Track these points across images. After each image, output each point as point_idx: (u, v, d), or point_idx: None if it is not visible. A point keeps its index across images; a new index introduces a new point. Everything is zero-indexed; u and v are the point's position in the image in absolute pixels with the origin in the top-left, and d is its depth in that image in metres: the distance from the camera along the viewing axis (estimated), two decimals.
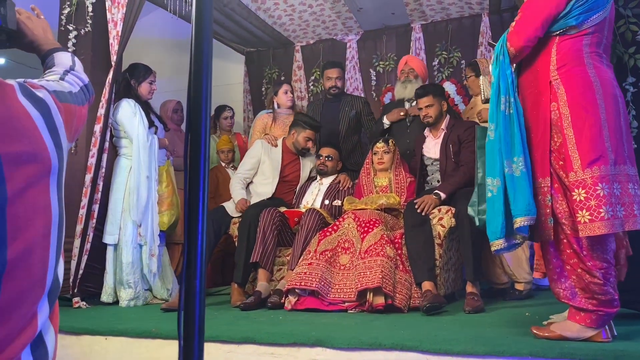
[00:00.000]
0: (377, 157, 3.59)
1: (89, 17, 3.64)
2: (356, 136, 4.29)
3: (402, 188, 3.54)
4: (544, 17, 1.98)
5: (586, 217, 1.84)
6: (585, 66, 1.95)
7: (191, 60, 0.89)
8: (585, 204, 1.85)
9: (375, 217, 3.17)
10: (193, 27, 0.90)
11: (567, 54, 1.98)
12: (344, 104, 4.28)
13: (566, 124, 1.92)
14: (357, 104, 4.28)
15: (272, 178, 3.81)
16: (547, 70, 2.01)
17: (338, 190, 3.75)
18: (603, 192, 1.83)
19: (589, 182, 1.86)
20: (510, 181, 1.97)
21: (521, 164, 1.97)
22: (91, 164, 3.43)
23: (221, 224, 3.55)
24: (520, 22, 2.04)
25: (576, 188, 1.88)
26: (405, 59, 4.13)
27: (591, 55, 1.97)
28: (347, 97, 4.38)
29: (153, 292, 3.55)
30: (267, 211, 3.37)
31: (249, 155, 3.91)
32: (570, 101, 1.93)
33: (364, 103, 4.33)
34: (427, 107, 3.44)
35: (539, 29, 2.00)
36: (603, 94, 1.91)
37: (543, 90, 2.01)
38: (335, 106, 4.29)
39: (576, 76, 1.95)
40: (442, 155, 3.36)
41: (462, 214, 2.92)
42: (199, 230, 0.84)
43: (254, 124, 4.43)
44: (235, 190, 3.75)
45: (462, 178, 3.19)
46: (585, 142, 1.88)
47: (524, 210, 1.93)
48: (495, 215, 1.98)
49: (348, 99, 4.33)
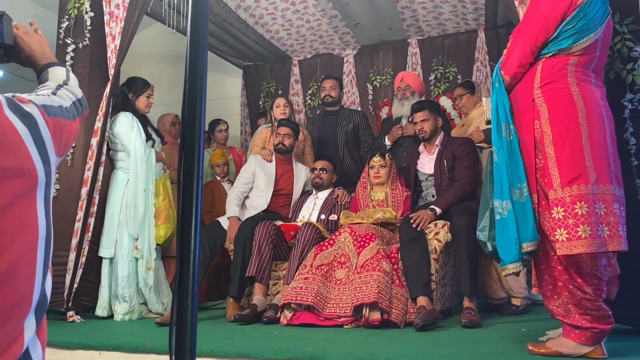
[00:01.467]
0: (374, 171, 3.60)
1: (87, 30, 3.66)
2: (356, 150, 4.32)
3: (398, 202, 3.54)
4: (532, 44, 2.00)
5: (564, 236, 1.84)
6: (568, 84, 1.96)
7: (186, 76, 0.90)
8: (563, 223, 1.85)
9: (372, 231, 3.17)
10: (188, 42, 0.91)
11: (550, 71, 1.99)
12: (341, 117, 4.32)
13: (547, 141, 1.93)
14: (354, 118, 4.31)
15: (266, 190, 3.81)
16: (530, 87, 2.02)
17: (334, 205, 3.75)
18: (581, 210, 1.83)
19: (567, 200, 1.85)
20: (518, 207, 1.97)
21: (525, 190, 1.97)
22: (87, 177, 3.43)
23: (217, 239, 3.55)
24: (511, 50, 2.07)
25: (555, 206, 1.88)
26: (401, 76, 4.16)
27: (576, 74, 1.98)
28: (345, 111, 4.42)
29: (148, 306, 3.52)
30: (263, 225, 3.37)
31: (244, 170, 3.92)
32: (552, 119, 1.93)
33: (361, 117, 4.37)
34: (422, 121, 3.46)
35: (528, 55, 2.02)
36: (586, 112, 1.91)
37: (526, 108, 2.03)
38: (333, 120, 4.33)
39: (558, 94, 1.95)
40: (437, 170, 3.38)
41: (458, 229, 2.93)
42: (192, 245, 0.85)
43: (253, 138, 4.45)
44: (229, 207, 3.74)
45: (457, 193, 3.20)
46: (566, 161, 1.88)
47: (531, 235, 1.93)
48: (509, 238, 1.97)
49: (345, 112, 4.38)
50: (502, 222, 1.98)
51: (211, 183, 4.51)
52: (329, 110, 4.38)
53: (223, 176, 4.54)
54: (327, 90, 4.31)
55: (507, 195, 1.97)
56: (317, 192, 3.86)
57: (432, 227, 3.13)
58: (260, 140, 4.28)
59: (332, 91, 4.31)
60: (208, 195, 4.40)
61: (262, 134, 4.32)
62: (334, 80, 4.37)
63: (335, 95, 4.32)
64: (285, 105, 4.27)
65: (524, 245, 1.93)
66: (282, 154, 3.92)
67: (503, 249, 1.98)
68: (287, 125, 3.95)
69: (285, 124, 3.96)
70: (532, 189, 1.99)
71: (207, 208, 4.33)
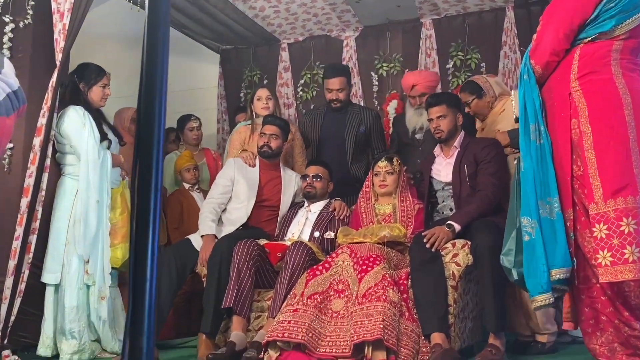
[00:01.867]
0: (379, 179, 3.60)
1: (30, 6, 3.66)
2: (365, 156, 4.33)
3: (408, 217, 3.54)
4: (566, 27, 2.01)
5: (607, 259, 1.83)
6: (612, 74, 1.96)
7: (143, 61, 0.90)
8: (606, 243, 1.85)
9: (376, 252, 3.16)
10: (146, 18, 0.91)
11: (590, 60, 1.99)
12: (351, 116, 4.31)
13: (587, 144, 1.93)
14: (367, 119, 4.32)
15: (246, 200, 3.80)
16: (566, 80, 2.02)
17: (331, 220, 3.75)
18: (629, 228, 1.82)
19: (611, 215, 1.85)
20: (546, 226, 1.96)
21: (556, 205, 1.97)
22: (28, 185, 3.42)
23: (187, 261, 3.54)
24: (542, 34, 2.07)
25: (597, 223, 1.87)
26: (412, 81, 4.19)
27: (621, 62, 1.98)
28: (355, 107, 4.42)
29: (102, 344, 3.51)
30: (243, 244, 3.36)
31: (221, 177, 3.91)
32: (593, 117, 1.93)
33: (374, 118, 4.37)
34: (438, 118, 3.47)
35: (562, 41, 2.02)
36: (634, 108, 1.92)
37: (561, 104, 2.03)
38: (341, 118, 4.31)
39: (600, 86, 1.96)
40: (456, 178, 3.39)
41: (481, 249, 2.93)
42: (148, 271, 0.84)
43: (230, 139, 4.45)
44: (203, 222, 3.72)
45: (479, 205, 3.20)
46: (609, 168, 1.88)
47: (561, 260, 1.93)
48: (537, 263, 1.97)
49: (356, 110, 4.37)
50: (531, 244, 1.98)
51: (178, 193, 4.51)
52: (336, 105, 4.36)
53: (193, 184, 4.53)
54: (334, 93, 4.26)
55: (534, 211, 1.97)
56: (310, 204, 3.86)
57: (449, 248, 3.13)
58: (238, 140, 4.27)
59: (341, 93, 4.27)
60: (175, 207, 4.39)
61: (240, 134, 4.32)
62: (342, 79, 4.28)
63: (344, 98, 4.30)
64: (269, 97, 4.27)
65: (553, 272, 1.93)
66: (268, 158, 3.91)
67: (530, 277, 1.98)
68: (275, 123, 3.95)
69: (272, 121, 3.96)
70: (566, 204, 1.99)
71: (174, 224, 4.33)
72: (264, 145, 3.88)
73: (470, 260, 3.05)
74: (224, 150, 4.88)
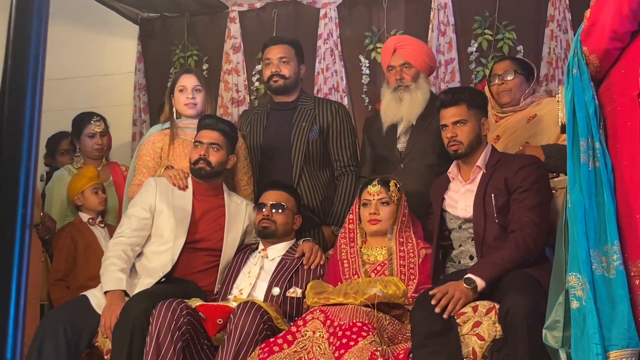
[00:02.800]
0: (369, 212, 3.62)
1: None
2: (326, 172, 4.33)
3: (410, 267, 3.55)
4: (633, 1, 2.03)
5: None
6: None
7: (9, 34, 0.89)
8: None
9: (363, 319, 3.15)
10: None
11: None
12: (299, 114, 4.32)
13: None
14: (322, 115, 4.32)
15: (172, 240, 3.80)
16: (635, 74, 2.05)
17: (297, 270, 3.75)
18: None
19: None
20: (601, 287, 1.97)
21: (616, 257, 1.97)
22: None
23: (82, 329, 3.52)
24: (599, 10, 2.09)
25: None
26: (393, 45, 4.15)
27: None
28: (306, 101, 4.41)
29: None
30: (167, 306, 3.32)
31: (136, 204, 3.90)
32: None
33: (334, 113, 4.35)
34: (455, 124, 3.49)
35: (628, 19, 2.04)
36: None
37: (627, 110, 2.05)
38: (285, 118, 4.35)
39: None
40: (479, 212, 3.40)
41: (515, 317, 2.92)
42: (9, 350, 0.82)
43: (137, 151, 4.36)
44: (108, 272, 3.68)
45: (512, 253, 3.20)
46: None
47: (622, 338, 1.94)
48: (589, 341, 1.98)
49: (307, 105, 4.37)
50: (581, 313, 1.98)
51: (71, 228, 4.48)
52: (280, 101, 4.39)
53: (99, 212, 4.51)
54: (274, 64, 4.30)
55: (585, 266, 1.98)
56: (267, 247, 3.85)
57: (468, 313, 3.13)
58: (151, 153, 4.19)
59: (284, 67, 4.30)
60: (65, 249, 4.36)
61: (154, 143, 4.22)
62: (287, 47, 4.35)
63: (289, 74, 4.32)
64: (197, 88, 4.22)
65: (611, 354, 1.94)
66: (206, 178, 3.91)
67: (579, 358, 1.99)
68: (217, 127, 3.95)
69: (211, 124, 3.96)
70: (633, 254, 2.00)
71: (62, 273, 4.26)
72: (200, 160, 3.86)
73: (499, 331, 3.05)
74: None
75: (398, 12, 5.43)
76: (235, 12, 5.72)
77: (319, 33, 5.52)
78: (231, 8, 5.71)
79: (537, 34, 5.05)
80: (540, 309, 2.69)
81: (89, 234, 4.45)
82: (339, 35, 5.52)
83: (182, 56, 5.83)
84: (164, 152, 4.20)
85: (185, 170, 4.01)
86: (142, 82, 5.93)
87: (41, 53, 0.88)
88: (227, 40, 5.73)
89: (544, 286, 2.74)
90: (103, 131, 4.87)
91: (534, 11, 5.08)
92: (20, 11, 0.88)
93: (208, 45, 5.80)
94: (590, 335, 1.94)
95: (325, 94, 5.24)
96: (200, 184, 3.94)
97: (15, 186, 0.83)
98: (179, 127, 4.19)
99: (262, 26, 5.69)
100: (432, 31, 5.22)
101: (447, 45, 5.16)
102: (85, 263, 4.28)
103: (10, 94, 0.87)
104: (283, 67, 4.30)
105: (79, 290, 3.86)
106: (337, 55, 5.46)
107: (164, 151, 4.20)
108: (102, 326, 3.52)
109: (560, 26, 4.97)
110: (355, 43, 5.49)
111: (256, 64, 5.64)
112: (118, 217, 4.28)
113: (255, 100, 5.64)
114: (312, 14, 5.59)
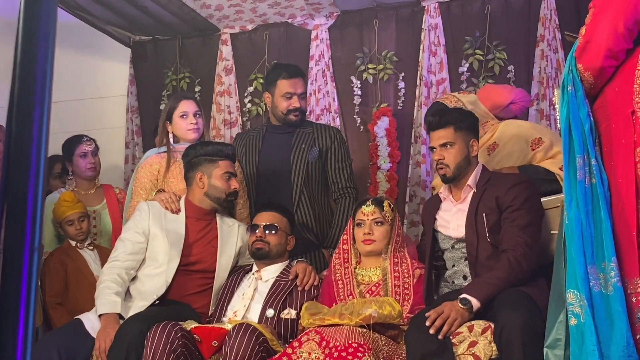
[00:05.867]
0: (363, 232, 3.62)
1: None
2: (322, 195, 4.35)
3: (405, 288, 3.55)
4: (629, 18, 2.02)
5: None
6: None
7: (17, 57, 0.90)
8: None
9: (358, 340, 3.15)
10: None
11: None
12: (299, 136, 4.34)
13: None
14: (321, 139, 4.34)
15: (167, 263, 3.80)
16: (629, 92, 2.05)
17: (291, 292, 3.74)
18: None
19: None
20: (599, 303, 1.98)
21: (613, 273, 1.98)
22: None
23: (76, 353, 3.49)
24: (594, 27, 2.09)
25: None
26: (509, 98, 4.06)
27: None
28: (307, 126, 4.43)
29: None
30: (161, 328, 3.31)
31: (130, 229, 3.90)
32: None
33: (333, 137, 4.38)
34: (442, 146, 3.49)
35: (623, 37, 2.04)
36: None
37: (622, 127, 2.05)
38: (284, 141, 4.36)
39: None
40: (471, 232, 3.40)
41: (511, 335, 2.91)
42: None
43: (135, 173, 4.36)
44: (102, 296, 3.68)
45: (507, 272, 3.20)
46: None
47: (622, 355, 1.94)
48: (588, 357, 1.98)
49: (307, 129, 4.39)
50: (579, 331, 1.99)
51: (61, 253, 4.47)
52: (279, 124, 4.40)
53: (82, 239, 4.49)
54: (294, 99, 4.29)
55: (583, 282, 1.99)
56: (261, 269, 3.85)
57: (464, 333, 3.13)
58: (148, 176, 4.19)
59: (303, 102, 4.36)
60: (56, 273, 4.35)
61: (152, 165, 4.22)
62: (303, 81, 4.39)
63: (305, 109, 4.40)
64: (198, 113, 4.26)
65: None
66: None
67: None
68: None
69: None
70: (630, 271, 2.00)
71: (57, 298, 4.25)
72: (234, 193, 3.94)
73: (495, 351, 3.05)
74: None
75: (389, 33, 5.44)
76: (227, 34, 5.73)
77: (310, 54, 5.53)
78: (223, 30, 5.73)
79: (528, 54, 5.07)
80: (534, 325, 2.68)
81: (78, 258, 4.43)
82: (330, 56, 5.52)
83: (175, 79, 5.83)
84: (161, 174, 4.21)
85: (179, 193, 4.02)
86: (134, 105, 5.92)
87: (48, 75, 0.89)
88: (219, 62, 5.73)
89: (538, 303, 2.74)
90: (94, 151, 4.85)
91: (524, 31, 5.10)
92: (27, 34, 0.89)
93: (200, 68, 5.81)
94: (589, 352, 1.94)
95: (317, 115, 5.25)
96: (193, 206, 3.95)
97: (23, 208, 0.85)
98: (175, 150, 4.20)
99: (254, 48, 5.70)
100: (423, 52, 5.23)
101: (438, 65, 5.17)
102: (77, 287, 4.26)
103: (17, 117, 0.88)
104: (302, 102, 4.35)
105: (72, 314, 3.84)
106: (329, 76, 5.47)
107: (161, 174, 4.21)
108: (96, 349, 3.51)
109: (550, 46, 4.99)
110: (346, 64, 5.50)
111: (248, 85, 5.66)
112: (112, 240, 4.27)
113: (248, 122, 5.63)
114: (304, 36, 5.60)
